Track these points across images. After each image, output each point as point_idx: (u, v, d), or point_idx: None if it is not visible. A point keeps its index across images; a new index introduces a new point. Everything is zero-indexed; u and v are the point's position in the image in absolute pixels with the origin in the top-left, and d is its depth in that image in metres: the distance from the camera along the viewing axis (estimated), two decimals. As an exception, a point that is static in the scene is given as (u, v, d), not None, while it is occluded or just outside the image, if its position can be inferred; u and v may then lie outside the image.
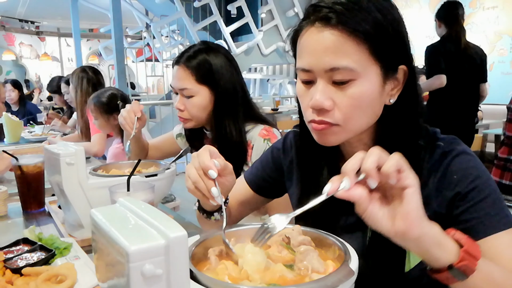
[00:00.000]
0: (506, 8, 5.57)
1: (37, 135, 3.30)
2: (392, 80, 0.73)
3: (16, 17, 10.92)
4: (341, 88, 0.69)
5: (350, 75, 0.68)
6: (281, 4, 6.76)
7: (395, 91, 0.74)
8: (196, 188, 0.75)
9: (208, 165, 0.73)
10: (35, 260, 0.92)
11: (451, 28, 3.06)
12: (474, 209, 0.71)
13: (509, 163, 2.46)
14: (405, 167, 0.55)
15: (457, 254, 0.58)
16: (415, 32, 6.60)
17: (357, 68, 0.67)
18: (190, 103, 1.36)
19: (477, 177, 0.72)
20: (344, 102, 0.69)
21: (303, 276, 0.60)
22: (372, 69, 0.69)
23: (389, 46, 0.70)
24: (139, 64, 8.00)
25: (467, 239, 0.60)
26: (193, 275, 0.54)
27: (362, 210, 0.58)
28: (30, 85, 11.13)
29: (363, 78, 0.68)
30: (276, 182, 1.00)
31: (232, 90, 1.37)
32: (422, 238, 0.56)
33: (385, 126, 0.76)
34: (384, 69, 0.70)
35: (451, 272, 0.58)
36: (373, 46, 0.68)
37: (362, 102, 0.70)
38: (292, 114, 5.92)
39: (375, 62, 0.69)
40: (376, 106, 0.73)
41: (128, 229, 0.46)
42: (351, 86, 0.69)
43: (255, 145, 1.36)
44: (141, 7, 7.85)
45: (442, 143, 0.76)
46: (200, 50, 1.37)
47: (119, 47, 5.47)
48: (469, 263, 0.57)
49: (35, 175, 1.45)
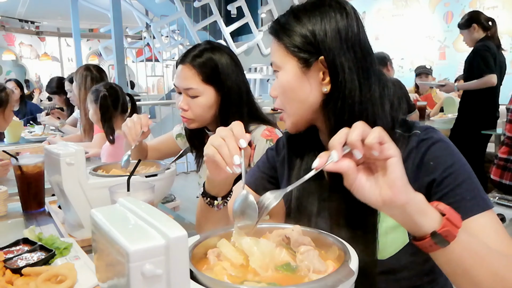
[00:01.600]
0: (506, 8, 5.58)
1: (37, 135, 3.30)
2: (315, 70, 0.81)
3: (16, 17, 10.92)
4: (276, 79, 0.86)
5: (276, 67, 0.86)
6: (281, 4, 6.75)
7: (326, 81, 0.81)
8: (217, 153, 0.75)
9: (242, 134, 0.76)
10: (35, 260, 0.92)
11: (490, 30, 3.39)
12: (451, 195, 0.74)
13: (509, 163, 2.46)
14: (387, 139, 0.59)
15: (439, 221, 0.61)
16: (415, 32, 6.62)
17: (278, 62, 0.84)
18: (195, 103, 1.35)
19: (453, 164, 0.76)
20: (277, 90, 0.86)
21: (303, 276, 0.60)
22: (289, 63, 0.83)
23: (300, 43, 0.81)
24: (139, 64, 8.00)
25: (449, 209, 0.62)
26: (193, 275, 0.54)
27: (350, 181, 0.61)
28: (30, 85, 11.12)
29: (283, 70, 0.84)
30: (273, 180, 1.03)
31: (238, 90, 1.36)
32: (407, 204, 0.59)
33: (330, 113, 0.81)
34: (300, 61, 0.82)
35: (433, 239, 0.61)
36: (286, 44, 0.83)
37: (285, 89, 0.84)
38: (292, 114, 5.91)
39: (291, 57, 0.82)
40: (301, 92, 0.82)
41: (128, 229, 0.46)
42: (278, 77, 0.85)
43: (257, 146, 1.35)
44: (141, 7, 7.85)
45: (419, 131, 0.80)
46: (206, 50, 1.35)
47: (119, 47, 5.47)
48: (451, 229, 0.60)
49: (35, 175, 1.45)
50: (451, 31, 6.23)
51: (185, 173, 5.52)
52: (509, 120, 2.51)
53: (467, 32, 3.45)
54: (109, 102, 2.16)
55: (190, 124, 1.40)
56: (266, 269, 0.60)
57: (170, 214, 1.45)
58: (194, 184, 1.62)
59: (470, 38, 3.46)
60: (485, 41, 3.36)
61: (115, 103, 2.20)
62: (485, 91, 3.35)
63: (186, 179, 5.24)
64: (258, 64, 7.95)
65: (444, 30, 6.43)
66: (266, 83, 9.14)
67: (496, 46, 3.37)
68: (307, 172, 0.81)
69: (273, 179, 1.03)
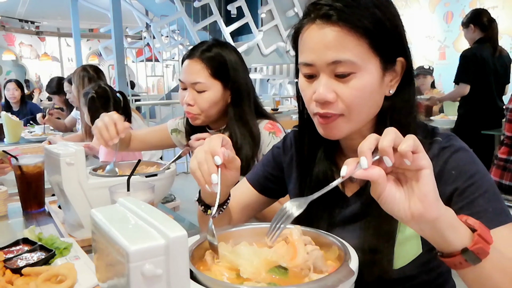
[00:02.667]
0: (506, 8, 5.58)
1: (37, 135, 3.30)
2: (391, 72, 0.76)
3: (16, 17, 10.91)
4: (343, 81, 0.72)
5: (352, 68, 0.71)
6: (281, 4, 6.75)
7: (394, 82, 0.77)
8: (198, 170, 0.74)
9: (216, 151, 0.73)
10: (35, 260, 0.92)
11: (487, 32, 3.35)
12: (472, 205, 0.71)
13: (509, 163, 2.46)
14: (420, 148, 0.55)
15: (470, 237, 0.58)
16: (415, 32, 6.61)
17: (358, 61, 0.71)
18: (202, 97, 1.34)
19: (475, 173, 0.73)
20: (346, 94, 0.72)
21: (303, 276, 0.60)
22: (371, 62, 0.72)
23: (387, 40, 0.73)
24: (139, 64, 7.99)
25: (479, 224, 0.60)
26: (193, 275, 0.54)
27: (379, 191, 0.56)
28: (30, 85, 11.12)
29: (364, 70, 0.71)
30: (278, 181, 1.00)
31: (245, 86, 1.37)
32: (438, 220, 0.56)
33: (383, 118, 0.78)
34: (383, 61, 0.73)
35: (464, 256, 0.58)
36: (372, 40, 0.71)
37: (364, 93, 0.72)
38: (292, 114, 5.91)
39: (374, 55, 0.72)
40: (377, 96, 0.75)
41: (128, 229, 0.46)
42: (353, 79, 0.72)
43: (262, 139, 1.36)
44: (141, 7, 7.85)
45: (440, 138, 0.77)
46: (214, 45, 1.36)
47: (119, 47, 5.47)
48: (483, 246, 0.57)
49: (35, 175, 1.45)
50: (451, 31, 6.23)
51: (185, 173, 5.52)
52: (508, 120, 2.51)
53: (466, 31, 3.47)
54: (97, 103, 2.15)
55: (195, 120, 1.38)
56: (259, 274, 0.60)
57: (170, 214, 1.45)
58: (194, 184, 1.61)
59: (469, 38, 3.48)
60: (479, 44, 3.36)
61: (106, 103, 2.18)
62: (481, 92, 3.35)
63: (186, 179, 5.24)
64: (258, 64, 7.94)
65: (444, 30, 6.42)
66: (266, 83, 9.15)
67: (493, 48, 3.35)
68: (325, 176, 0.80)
69: (277, 179, 1.00)
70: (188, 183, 4.98)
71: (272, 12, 6.70)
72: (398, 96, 0.77)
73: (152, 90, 11.54)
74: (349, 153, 0.85)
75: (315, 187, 0.85)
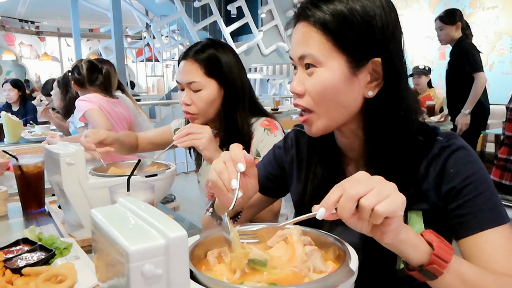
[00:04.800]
0: (506, 8, 5.57)
1: (37, 135, 3.30)
2: (365, 73, 0.73)
3: (16, 17, 10.91)
4: (309, 75, 0.75)
5: (315, 62, 0.73)
6: (281, 4, 6.76)
7: (373, 84, 0.74)
8: (219, 179, 0.74)
9: (240, 157, 0.73)
10: (35, 260, 0.92)
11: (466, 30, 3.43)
12: (468, 205, 0.72)
13: (509, 163, 2.46)
14: (397, 213, 0.55)
15: (428, 256, 0.61)
16: (415, 32, 6.61)
17: (320, 57, 0.72)
18: (198, 97, 1.35)
19: (474, 173, 0.73)
20: (310, 87, 0.75)
21: (303, 276, 0.60)
22: (335, 59, 0.72)
23: (356, 40, 0.71)
24: (139, 64, 8.01)
25: (439, 242, 0.62)
26: (193, 275, 0.54)
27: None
28: (30, 85, 11.12)
29: (325, 66, 0.73)
30: (279, 180, 1.00)
31: (240, 83, 1.38)
32: (398, 243, 0.60)
33: (370, 119, 0.77)
34: (352, 61, 0.72)
35: (421, 272, 0.62)
36: (336, 38, 0.71)
37: (325, 89, 0.73)
38: (292, 114, 5.91)
39: (339, 53, 0.72)
40: (346, 96, 0.74)
41: (128, 229, 0.46)
42: (314, 73, 0.74)
43: (256, 135, 1.37)
44: (141, 7, 7.85)
45: (441, 138, 0.77)
46: (208, 45, 1.37)
47: (119, 47, 5.47)
48: (438, 266, 0.60)
49: (35, 175, 1.45)
50: (451, 31, 6.23)
51: (185, 173, 5.52)
52: (508, 120, 2.51)
53: (449, 28, 3.41)
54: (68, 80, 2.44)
55: (194, 120, 1.39)
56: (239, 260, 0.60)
57: (170, 214, 1.45)
58: (194, 184, 1.61)
59: (450, 36, 3.42)
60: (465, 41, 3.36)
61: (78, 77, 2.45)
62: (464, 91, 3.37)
63: (186, 179, 5.24)
64: (258, 64, 7.96)
65: (444, 30, 6.42)
66: (266, 83, 9.15)
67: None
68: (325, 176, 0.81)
69: (278, 179, 1.00)
70: (188, 183, 4.99)
71: (272, 12, 6.71)
72: (385, 98, 0.74)
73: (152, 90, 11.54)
74: (347, 151, 0.86)
75: (315, 186, 0.85)
